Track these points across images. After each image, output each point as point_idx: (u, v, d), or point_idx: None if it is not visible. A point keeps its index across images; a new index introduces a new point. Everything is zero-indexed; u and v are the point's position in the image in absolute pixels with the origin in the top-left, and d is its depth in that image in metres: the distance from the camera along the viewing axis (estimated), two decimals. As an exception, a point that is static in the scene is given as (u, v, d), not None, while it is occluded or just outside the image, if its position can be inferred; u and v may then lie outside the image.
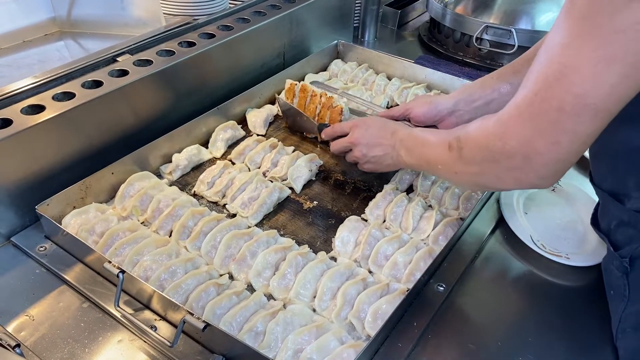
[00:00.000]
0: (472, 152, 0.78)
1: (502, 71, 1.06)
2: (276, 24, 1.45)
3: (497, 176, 0.76)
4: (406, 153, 0.97)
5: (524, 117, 0.67)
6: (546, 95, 0.63)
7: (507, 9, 1.66)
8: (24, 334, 0.81)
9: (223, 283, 0.88)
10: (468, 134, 0.78)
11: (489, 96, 1.05)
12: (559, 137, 0.65)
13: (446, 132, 0.87)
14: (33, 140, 0.95)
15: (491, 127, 0.73)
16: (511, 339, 0.85)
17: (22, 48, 1.43)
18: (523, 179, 0.72)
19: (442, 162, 0.86)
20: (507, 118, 0.70)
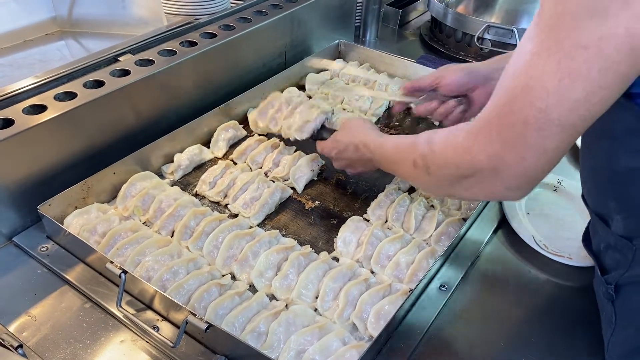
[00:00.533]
0: (439, 170, 0.75)
1: None
2: (277, 23, 1.45)
3: (467, 189, 0.73)
4: (381, 166, 0.95)
5: (492, 130, 0.65)
6: (512, 108, 0.61)
7: (508, 8, 1.66)
8: (26, 334, 0.81)
9: (225, 283, 0.88)
10: (434, 152, 0.75)
11: None
12: (526, 152, 0.62)
13: (408, 146, 0.82)
14: (35, 140, 0.95)
15: (460, 141, 0.70)
16: (514, 340, 0.85)
17: (23, 48, 1.43)
18: (493, 192, 0.71)
19: (412, 178, 0.85)
20: (477, 131, 0.67)
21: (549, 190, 1.14)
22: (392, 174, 0.95)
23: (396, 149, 0.88)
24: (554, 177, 1.16)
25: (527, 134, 0.61)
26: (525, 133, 0.61)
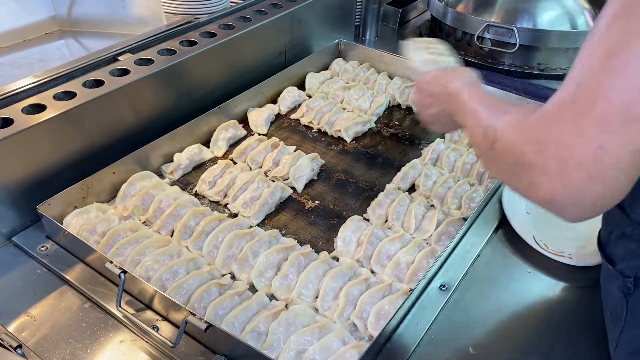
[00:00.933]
0: (504, 151, 0.67)
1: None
2: (277, 22, 1.44)
3: (525, 184, 0.64)
4: (455, 111, 0.86)
5: (567, 114, 0.57)
6: (591, 96, 0.55)
7: (508, 7, 1.65)
8: (25, 334, 0.81)
9: (225, 283, 0.88)
10: (504, 131, 0.67)
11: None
12: (605, 137, 0.54)
13: (488, 112, 0.74)
14: (34, 139, 0.95)
15: (530, 127, 0.62)
16: (514, 340, 0.85)
17: (23, 47, 1.43)
18: (553, 194, 0.60)
19: (477, 144, 0.76)
20: (549, 118, 0.60)
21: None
22: (462, 124, 0.84)
23: (479, 101, 0.80)
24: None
25: (608, 120, 0.53)
26: (608, 119, 0.54)
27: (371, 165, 1.23)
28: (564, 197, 0.60)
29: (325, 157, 1.24)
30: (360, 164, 1.24)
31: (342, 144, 1.30)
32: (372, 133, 1.35)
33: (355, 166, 1.23)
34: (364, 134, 1.34)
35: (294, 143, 1.28)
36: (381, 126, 1.38)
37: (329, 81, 1.50)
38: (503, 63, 1.65)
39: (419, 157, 1.24)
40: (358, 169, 1.22)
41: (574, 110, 0.56)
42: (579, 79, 0.57)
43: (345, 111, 1.39)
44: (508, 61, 1.65)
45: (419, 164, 1.19)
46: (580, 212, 0.61)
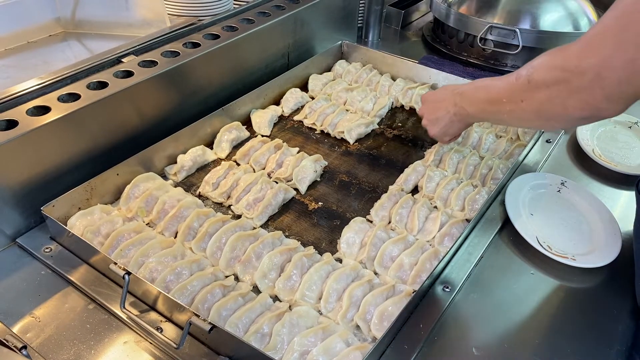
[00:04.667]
0: (543, 75, 0.78)
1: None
2: (280, 24, 1.45)
3: (564, 101, 0.76)
4: (469, 104, 0.99)
5: (608, 34, 0.68)
6: (634, 9, 0.64)
7: (511, 9, 1.65)
8: (30, 335, 0.81)
9: (229, 284, 0.88)
10: (543, 59, 0.79)
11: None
12: (637, 54, 0.65)
13: (505, 76, 0.89)
14: (38, 141, 0.95)
15: (573, 47, 0.73)
16: (518, 341, 0.85)
17: (27, 49, 1.43)
18: (590, 102, 0.72)
19: (508, 95, 0.87)
20: (592, 35, 0.71)
21: (553, 191, 1.14)
22: (481, 107, 0.98)
23: (492, 78, 0.94)
24: (557, 178, 1.16)
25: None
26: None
27: (374, 167, 1.23)
28: (601, 106, 0.72)
29: (328, 158, 1.24)
30: (364, 166, 1.24)
31: (345, 146, 1.30)
32: (375, 134, 1.36)
33: (358, 167, 1.23)
34: (367, 135, 1.35)
35: (297, 144, 1.29)
36: (384, 127, 1.38)
37: (331, 83, 1.50)
38: (506, 64, 1.66)
39: (422, 158, 1.24)
40: (361, 170, 1.22)
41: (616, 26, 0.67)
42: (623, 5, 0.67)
43: (348, 113, 1.39)
44: (511, 62, 1.65)
45: (422, 166, 1.19)
46: (616, 109, 0.72)
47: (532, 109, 0.84)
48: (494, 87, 0.92)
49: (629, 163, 1.25)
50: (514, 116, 0.92)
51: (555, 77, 0.76)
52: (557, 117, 0.82)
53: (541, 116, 0.84)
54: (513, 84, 0.85)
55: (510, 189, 1.11)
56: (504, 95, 0.88)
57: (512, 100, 0.86)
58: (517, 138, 1.31)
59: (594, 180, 1.21)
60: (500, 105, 0.90)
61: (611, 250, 0.98)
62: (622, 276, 0.96)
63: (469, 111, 1.01)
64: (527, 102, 0.83)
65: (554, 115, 0.82)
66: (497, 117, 0.97)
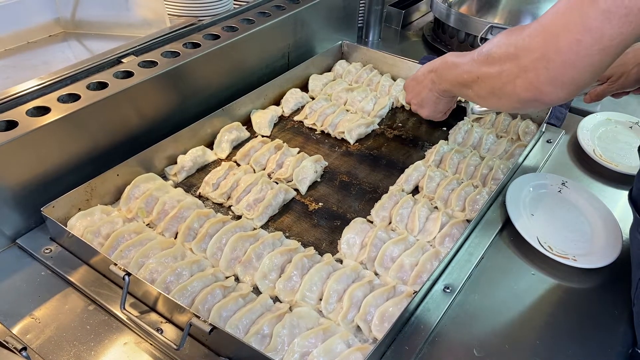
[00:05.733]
0: (498, 50, 0.80)
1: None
2: (280, 24, 1.45)
3: (513, 79, 0.76)
4: (443, 81, 1.02)
5: (558, 14, 0.69)
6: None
7: (511, 8, 1.65)
8: (30, 336, 0.81)
9: (229, 285, 0.88)
10: (501, 36, 0.81)
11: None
12: (583, 35, 0.65)
13: (470, 53, 0.91)
14: (38, 142, 0.95)
15: (528, 26, 0.74)
16: (518, 342, 0.85)
17: (27, 49, 1.43)
18: (535, 83, 0.73)
19: (469, 71, 0.89)
20: (545, 16, 0.72)
21: (554, 191, 1.14)
22: (452, 82, 1.00)
23: (459, 53, 0.96)
24: (558, 178, 1.15)
25: (590, 14, 0.63)
26: (590, 13, 0.64)
27: (375, 167, 1.23)
28: (544, 90, 0.72)
29: (328, 158, 1.24)
30: (364, 166, 1.23)
31: (345, 146, 1.30)
32: (376, 135, 1.35)
33: (358, 168, 1.23)
34: (367, 135, 1.34)
35: (297, 145, 1.29)
36: (384, 128, 1.38)
37: (332, 83, 1.50)
38: (506, 64, 1.65)
39: (423, 158, 1.23)
40: (361, 170, 1.22)
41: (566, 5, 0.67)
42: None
43: (349, 113, 1.39)
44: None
45: (423, 166, 1.19)
46: (563, 96, 0.73)
47: (487, 85, 0.85)
48: (460, 64, 0.93)
49: (629, 163, 1.25)
50: (475, 93, 0.94)
51: (507, 54, 0.77)
52: (508, 95, 0.82)
53: (494, 93, 0.85)
54: (473, 62, 0.87)
55: (510, 190, 1.11)
56: (466, 71, 0.90)
57: (473, 76, 0.88)
58: (518, 138, 1.30)
59: (594, 180, 1.21)
60: (465, 82, 0.92)
61: (612, 251, 0.98)
62: (623, 277, 0.96)
63: (446, 87, 1.03)
64: (483, 78, 0.85)
65: (504, 94, 0.82)
66: (466, 94, 0.99)
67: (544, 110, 1.32)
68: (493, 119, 1.37)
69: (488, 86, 0.85)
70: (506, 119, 1.36)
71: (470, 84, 0.91)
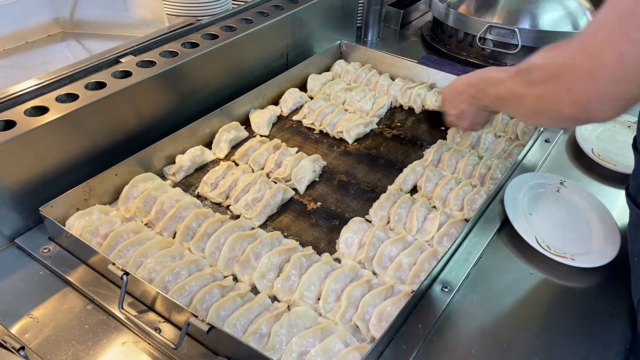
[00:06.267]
0: (539, 72, 0.79)
1: None
2: (279, 24, 1.45)
3: (557, 98, 0.75)
4: (484, 97, 1.01)
5: (600, 29, 0.67)
6: (627, 3, 0.63)
7: (510, 8, 1.65)
8: (28, 336, 0.81)
9: (227, 285, 0.88)
10: (541, 56, 0.80)
11: None
12: (627, 47, 0.63)
13: (510, 68, 0.90)
14: (37, 141, 0.95)
15: (569, 43, 0.73)
16: (517, 341, 0.85)
17: (25, 49, 1.43)
18: (581, 101, 0.71)
19: (511, 91, 0.89)
20: (585, 31, 0.70)
21: (552, 191, 1.14)
22: (493, 100, 0.99)
23: (499, 69, 0.96)
24: (556, 178, 1.16)
25: (631, 25, 0.63)
26: (630, 24, 0.63)
27: (373, 167, 1.23)
28: (591, 105, 0.70)
29: (327, 158, 1.24)
30: (362, 166, 1.24)
31: (344, 146, 1.30)
32: (374, 134, 1.35)
33: (357, 167, 1.23)
34: (365, 135, 1.34)
35: (295, 144, 1.29)
36: (383, 127, 1.38)
37: (330, 82, 1.50)
38: (505, 64, 1.65)
39: (421, 158, 1.24)
40: (360, 170, 1.22)
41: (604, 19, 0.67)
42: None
43: (347, 112, 1.39)
44: (510, 62, 1.65)
45: (421, 166, 1.19)
46: (609, 111, 0.70)
47: (529, 105, 0.84)
48: (501, 82, 0.93)
49: (628, 163, 1.25)
50: (517, 112, 0.95)
51: (548, 74, 0.76)
52: (551, 115, 0.81)
53: (537, 113, 0.84)
54: (513, 82, 0.87)
55: (509, 189, 1.11)
56: (508, 90, 0.90)
57: (515, 96, 0.87)
58: (516, 137, 1.30)
59: (593, 179, 1.21)
60: (506, 100, 0.92)
61: (610, 250, 0.98)
62: (621, 276, 0.96)
63: (487, 103, 1.03)
64: (526, 98, 0.84)
65: (548, 113, 0.81)
66: (507, 111, 1.00)
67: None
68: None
69: (530, 106, 0.84)
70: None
71: (511, 103, 0.91)
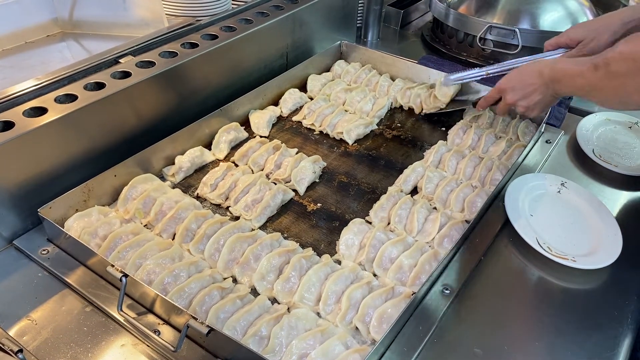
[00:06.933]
0: (618, 66, 0.90)
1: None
2: (279, 24, 1.44)
3: (638, 87, 0.88)
4: (561, 89, 1.08)
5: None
6: None
7: (510, 8, 1.65)
8: (27, 338, 0.80)
9: (227, 287, 0.88)
10: (619, 51, 0.90)
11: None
12: None
13: (589, 58, 0.98)
14: (35, 142, 0.95)
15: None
16: (518, 343, 0.84)
17: (24, 49, 1.43)
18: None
19: (591, 84, 0.98)
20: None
21: (553, 192, 1.14)
22: (571, 90, 1.10)
23: (574, 61, 1.03)
24: (557, 179, 1.15)
25: None
26: None
27: (373, 168, 1.23)
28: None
29: (327, 159, 1.24)
30: (363, 167, 1.23)
31: (344, 146, 1.30)
32: (374, 135, 1.35)
33: (357, 168, 1.22)
34: (366, 136, 1.34)
35: (295, 145, 1.28)
36: (383, 128, 1.38)
37: (330, 83, 1.50)
38: (505, 64, 1.65)
39: (421, 159, 1.23)
40: (360, 171, 1.22)
41: None
42: None
43: (347, 113, 1.39)
44: (510, 63, 1.64)
45: (421, 166, 1.19)
46: None
47: (613, 95, 0.95)
48: (578, 74, 1.00)
49: (629, 164, 1.25)
50: (599, 99, 1.03)
51: (629, 68, 0.87)
52: (636, 102, 0.93)
53: (621, 101, 0.97)
54: (592, 76, 0.96)
55: (509, 190, 1.10)
56: (588, 84, 0.99)
57: (596, 88, 0.97)
58: (517, 138, 1.30)
59: (594, 180, 1.21)
60: (587, 91, 1.01)
61: (611, 252, 0.98)
62: (622, 277, 0.95)
63: (564, 92, 1.12)
64: (608, 89, 0.95)
65: (632, 100, 0.94)
66: (589, 99, 1.06)
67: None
68: (492, 119, 1.37)
69: (614, 96, 0.96)
70: (505, 119, 1.36)
71: (593, 93, 1.00)
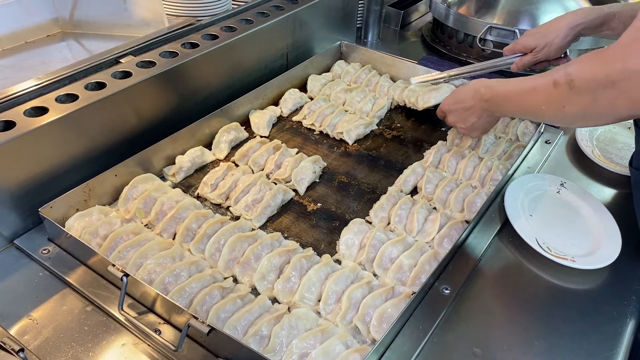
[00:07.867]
0: (584, 82, 0.81)
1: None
2: (279, 25, 1.44)
3: (611, 102, 0.78)
4: (501, 110, 1.05)
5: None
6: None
7: (510, 9, 1.65)
8: (27, 337, 0.80)
9: (227, 286, 0.88)
10: (579, 67, 0.81)
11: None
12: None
13: (544, 74, 0.89)
14: (36, 142, 0.95)
15: (609, 52, 0.76)
16: (517, 343, 0.85)
17: (25, 49, 1.43)
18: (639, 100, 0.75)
19: (547, 103, 0.89)
20: (629, 40, 0.74)
21: (552, 192, 1.14)
22: (516, 112, 1.05)
23: (527, 78, 0.94)
24: (556, 179, 1.15)
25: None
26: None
27: (373, 168, 1.23)
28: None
29: (327, 159, 1.24)
30: (363, 167, 1.23)
31: (344, 147, 1.30)
32: (374, 135, 1.35)
33: (357, 169, 1.23)
34: (366, 136, 1.34)
35: (295, 145, 1.28)
36: (383, 128, 1.38)
37: (330, 83, 1.50)
38: (505, 65, 1.65)
39: (421, 159, 1.23)
40: (360, 171, 1.22)
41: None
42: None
43: (347, 113, 1.39)
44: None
45: (421, 167, 1.19)
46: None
47: (576, 112, 0.85)
48: (528, 95, 0.93)
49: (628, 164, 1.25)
50: (555, 119, 1.00)
51: (599, 83, 0.78)
52: (605, 116, 0.85)
53: (587, 117, 0.87)
54: (552, 92, 0.86)
55: (509, 190, 1.11)
56: (542, 103, 0.90)
57: (553, 107, 0.88)
58: (517, 139, 1.30)
59: (593, 181, 1.21)
60: (539, 112, 0.93)
61: (611, 252, 0.98)
62: (621, 277, 0.96)
63: (502, 114, 1.08)
64: (571, 106, 0.85)
65: (601, 116, 0.85)
66: (534, 119, 1.04)
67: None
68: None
69: (578, 112, 0.85)
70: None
71: (548, 113, 0.91)
